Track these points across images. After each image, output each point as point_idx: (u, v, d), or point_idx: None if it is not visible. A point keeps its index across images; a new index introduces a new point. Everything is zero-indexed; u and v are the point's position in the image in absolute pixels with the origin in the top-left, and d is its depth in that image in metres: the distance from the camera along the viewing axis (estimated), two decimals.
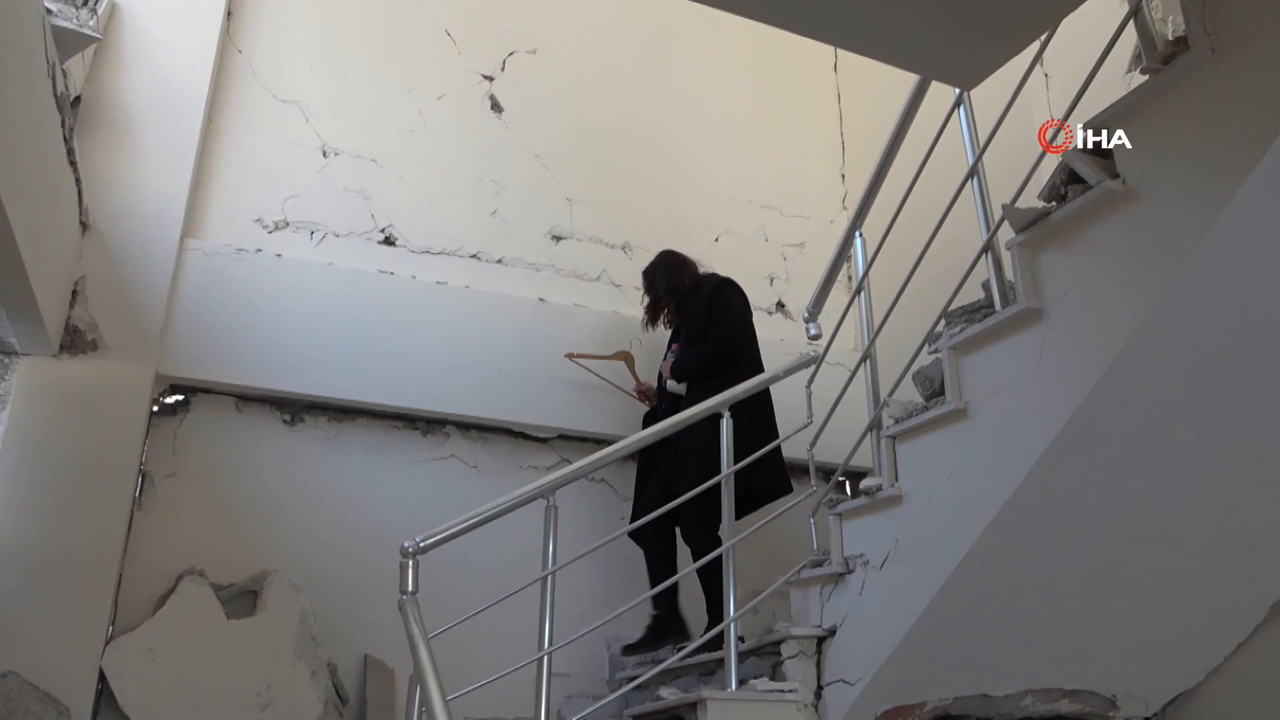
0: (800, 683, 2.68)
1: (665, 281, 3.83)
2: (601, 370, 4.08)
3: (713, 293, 3.69)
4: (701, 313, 3.67)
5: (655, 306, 3.88)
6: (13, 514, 3.15)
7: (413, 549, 2.44)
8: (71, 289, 3.42)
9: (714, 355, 3.54)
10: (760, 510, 3.43)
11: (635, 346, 4.17)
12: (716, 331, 3.60)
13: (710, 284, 3.74)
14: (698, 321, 3.67)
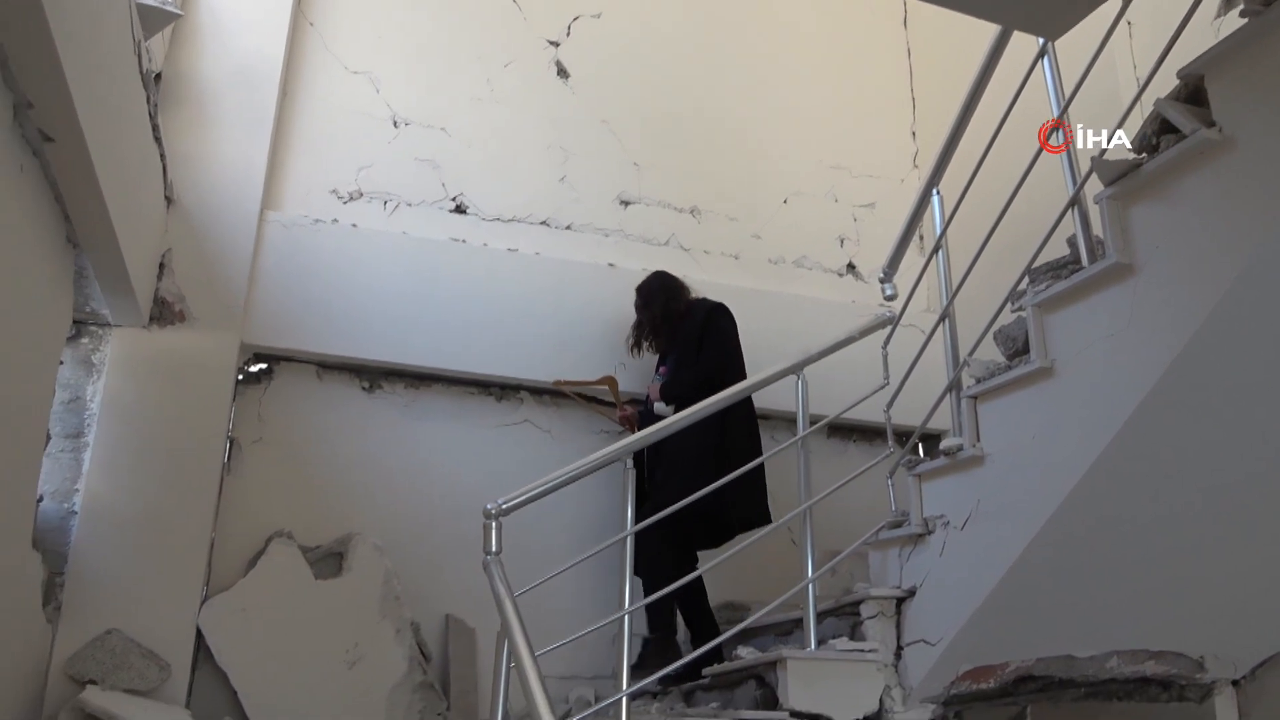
0: (880, 643, 2.68)
1: (662, 303, 3.79)
2: (586, 392, 4.04)
3: (707, 317, 3.68)
4: (695, 337, 3.65)
5: (648, 327, 3.83)
6: (110, 479, 3.28)
7: (495, 511, 2.48)
8: (159, 262, 3.52)
9: (705, 379, 3.45)
10: (839, 471, 3.41)
11: (619, 370, 4.07)
12: (709, 356, 3.59)
13: (704, 308, 3.72)
14: (691, 345, 3.65)
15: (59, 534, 3.18)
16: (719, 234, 4.53)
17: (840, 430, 4.43)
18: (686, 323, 3.72)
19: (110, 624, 3.14)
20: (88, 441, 3.30)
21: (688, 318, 3.73)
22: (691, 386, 3.48)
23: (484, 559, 2.43)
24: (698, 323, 3.68)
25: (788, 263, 4.61)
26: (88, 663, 3.06)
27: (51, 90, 2.12)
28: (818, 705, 2.58)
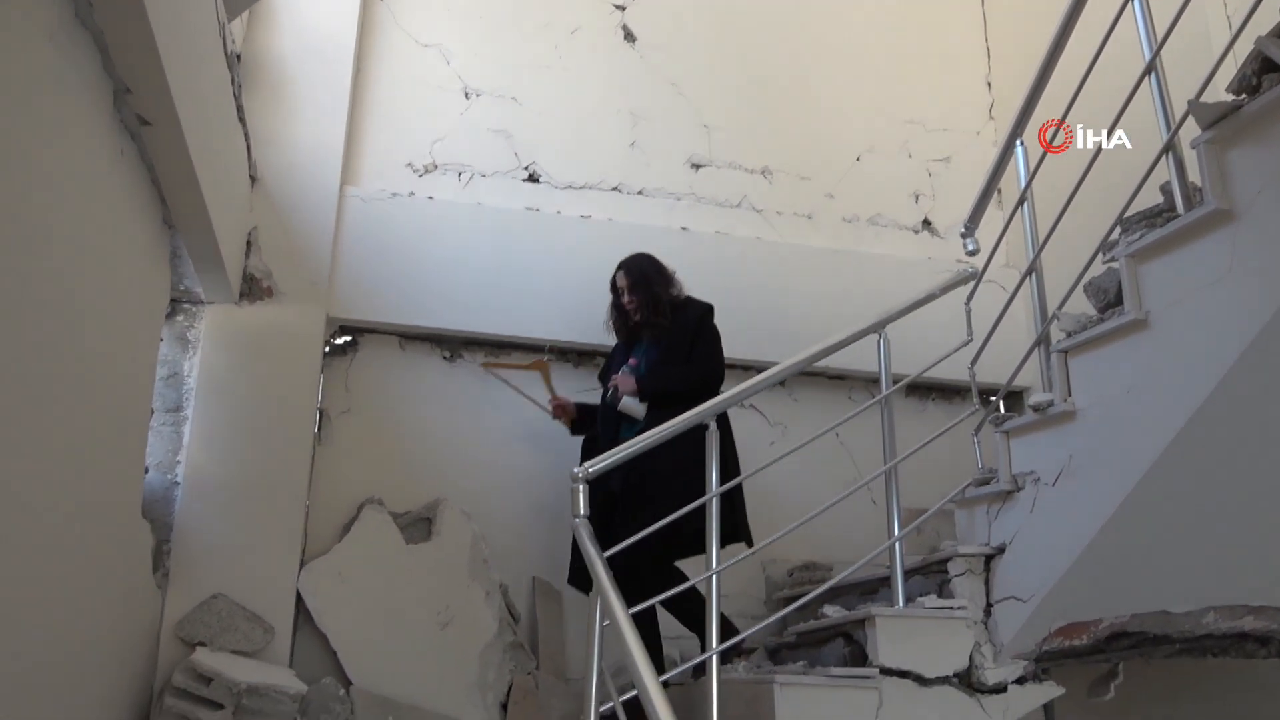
0: (969, 600, 2.67)
1: (656, 287, 3.46)
2: (514, 379, 3.87)
3: (704, 315, 3.43)
4: (688, 333, 3.38)
5: (635, 309, 3.46)
6: (209, 451, 3.41)
7: (582, 475, 2.52)
8: (246, 240, 3.63)
9: (698, 382, 3.24)
10: (917, 430, 3.39)
11: (548, 358, 3.96)
12: (707, 360, 3.35)
13: (699, 306, 3.47)
14: (681, 343, 3.37)
15: (164, 504, 3.32)
16: (791, 194, 4.49)
17: (918, 389, 4.38)
18: (679, 317, 3.42)
19: (215, 589, 3.28)
20: (187, 415, 3.43)
21: (681, 311, 3.44)
22: (681, 386, 3.25)
23: (573, 521, 2.47)
24: (692, 320, 3.40)
25: (862, 221, 4.55)
26: (197, 625, 3.21)
27: (149, 76, 2.19)
28: (907, 662, 2.58)
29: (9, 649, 1.91)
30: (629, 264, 3.51)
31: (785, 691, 2.52)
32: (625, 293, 3.47)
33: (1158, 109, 2.34)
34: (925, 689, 2.60)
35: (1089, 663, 2.83)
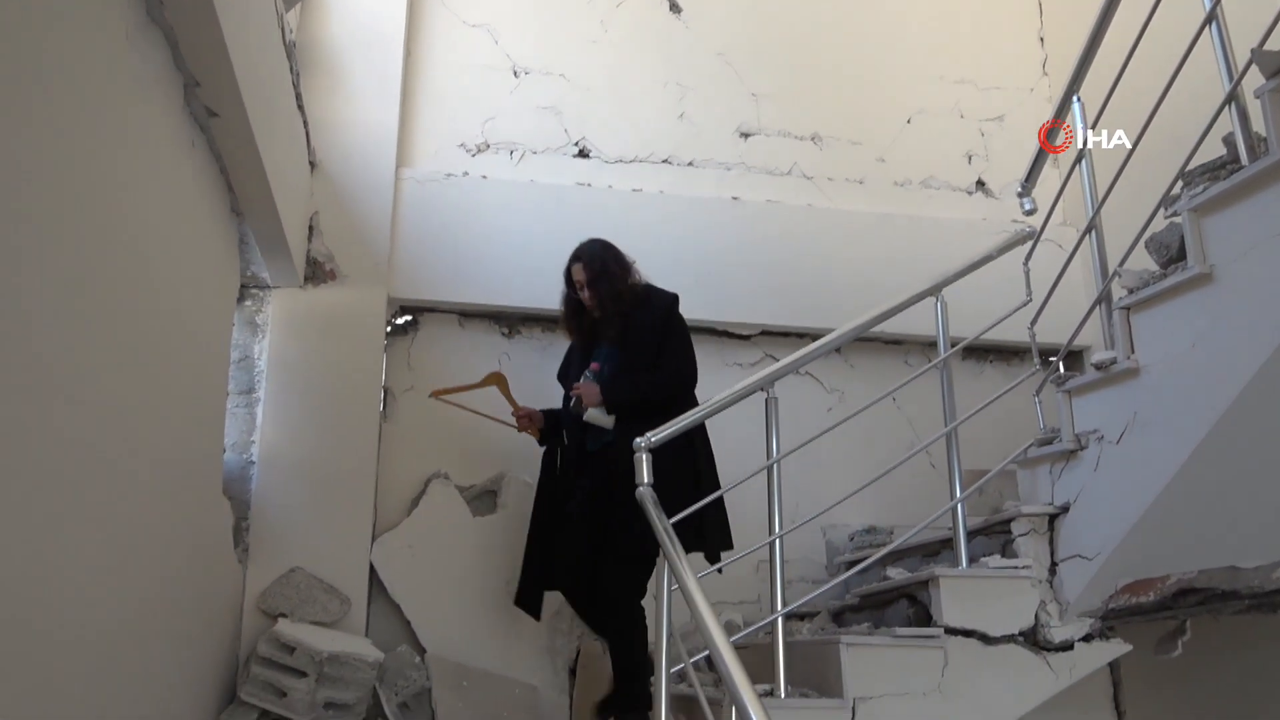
0: (1033, 559, 2.68)
1: (614, 280, 3.10)
2: (472, 402, 3.55)
3: (670, 310, 3.11)
4: (653, 331, 3.05)
5: (593, 306, 3.13)
6: (281, 431, 3.53)
7: (645, 444, 2.57)
8: (308, 224, 3.72)
9: (674, 387, 3.02)
10: (975, 393, 3.38)
11: (505, 364, 3.81)
12: (679, 360, 3.06)
13: (664, 299, 3.13)
14: (646, 342, 3.05)
15: (241, 482, 3.45)
16: (842, 159, 4.46)
17: (975, 352, 4.36)
18: (641, 313, 3.08)
19: (293, 562, 3.41)
20: (259, 396, 3.55)
21: (643, 306, 3.10)
22: (653, 395, 2.98)
23: (638, 490, 2.53)
24: (658, 316, 3.07)
25: (914, 184, 4.52)
26: (277, 598, 3.34)
27: (216, 69, 2.27)
28: (972, 621, 2.61)
29: (113, 621, 2.02)
30: (587, 255, 3.14)
31: (851, 651, 2.57)
32: (584, 287, 3.12)
33: (1219, 58, 2.30)
34: (991, 648, 2.63)
35: (1156, 619, 2.83)
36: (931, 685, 2.57)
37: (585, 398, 3.02)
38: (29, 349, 1.51)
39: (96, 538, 1.90)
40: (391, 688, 3.27)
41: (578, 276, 3.15)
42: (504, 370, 3.66)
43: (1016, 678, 2.60)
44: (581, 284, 3.13)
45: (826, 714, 2.51)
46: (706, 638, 1.79)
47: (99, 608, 1.93)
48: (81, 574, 1.82)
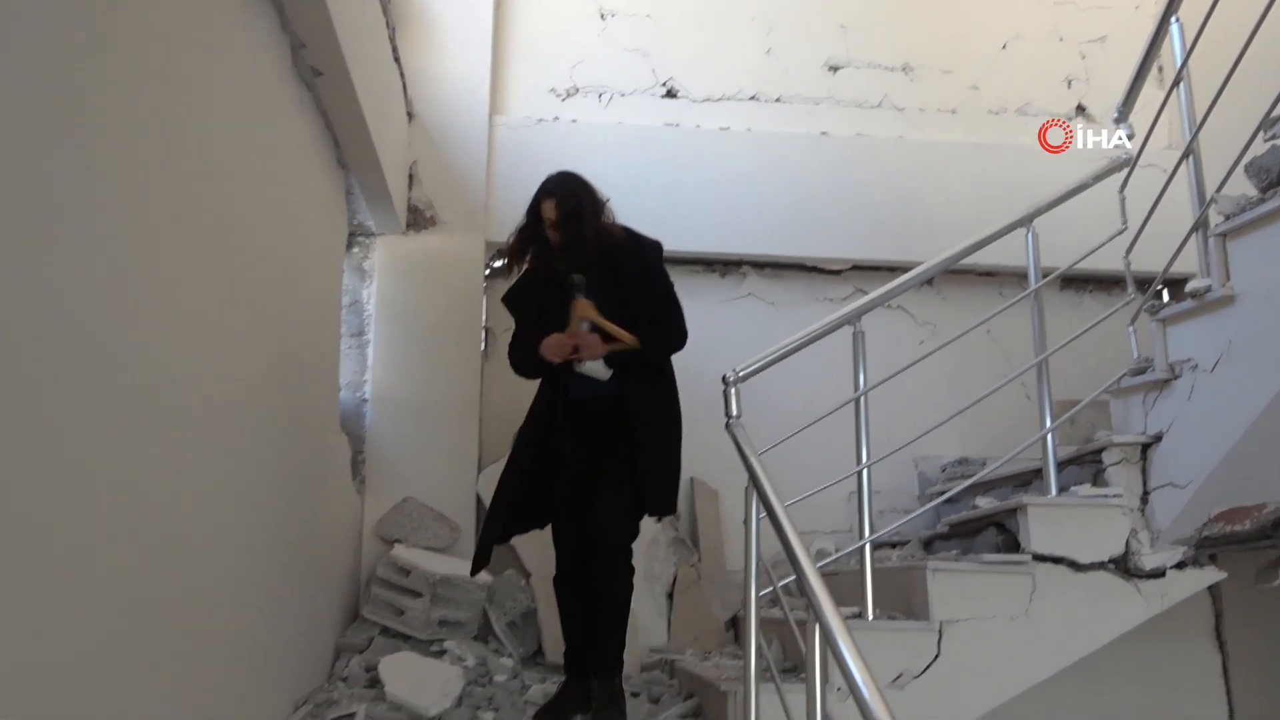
0: (1124, 488, 2.69)
1: (592, 219, 2.75)
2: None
3: (657, 256, 2.86)
4: (644, 280, 2.80)
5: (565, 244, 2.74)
6: (390, 370, 3.74)
7: (733, 378, 2.65)
8: (408, 173, 3.88)
9: (677, 345, 2.86)
10: (1074, 323, 3.31)
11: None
12: (677, 315, 2.85)
13: (649, 245, 2.86)
14: (642, 291, 2.79)
15: (356, 419, 3.68)
16: (934, 89, 4.39)
17: (1074, 282, 4.29)
18: (624, 257, 2.78)
19: (405, 493, 3.64)
20: (369, 339, 3.76)
21: (626, 251, 2.80)
22: (669, 353, 2.86)
23: (726, 423, 2.61)
24: (647, 263, 2.83)
25: (1009, 112, 4.42)
26: (392, 526, 3.58)
27: (320, 30, 2.40)
28: (1060, 548, 2.64)
29: (253, 547, 2.24)
30: (561, 191, 2.77)
31: (938, 577, 2.64)
32: (553, 226, 2.75)
33: None
34: (1079, 574, 2.66)
35: (1255, 549, 2.80)
36: (1019, 610, 2.62)
37: (586, 349, 2.69)
38: (174, 296, 1.68)
39: (236, 473, 2.10)
40: (500, 608, 3.49)
41: (548, 214, 2.75)
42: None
43: (1105, 604, 2.63)
44: (551, 222, 2.74)
45: (913, 635, 2.59)
46: (793, 560, 1.88)
47: (241, 535, 2.14)
48: (225, 506, 2.02)
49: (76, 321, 1.27)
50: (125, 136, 1.45)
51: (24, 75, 1.15)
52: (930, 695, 2.55)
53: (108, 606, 1.42)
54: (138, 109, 1.50)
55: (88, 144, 1.32)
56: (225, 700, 2.03)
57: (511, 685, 3.12)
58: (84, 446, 1.30)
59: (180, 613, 1.74)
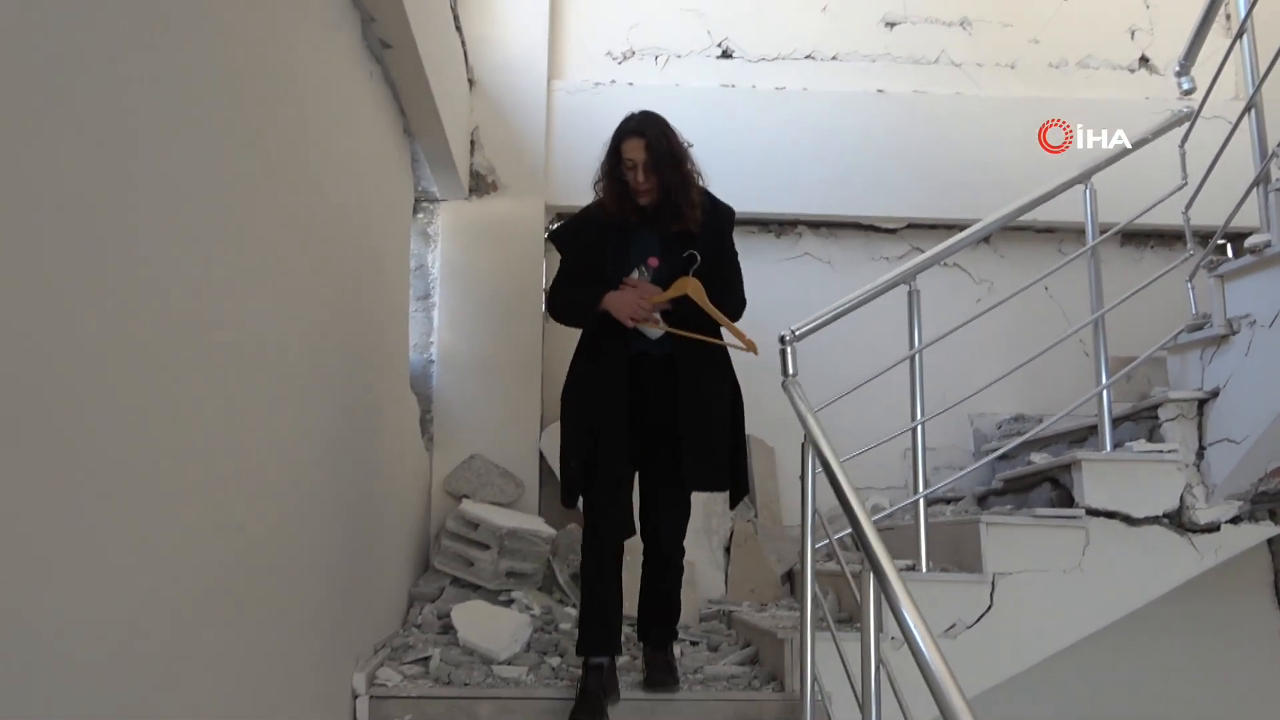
0: (1180, 443, 2.71)
1: (681, 171, 2.56)
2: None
3: (731, 223, 2.77)
4: (719, 245, 2.69)
5: (650, 195, 2.56)
6: (455, 332, 3.87)
7: (790, 337, 2.72)
8: (470, 139, 3.98)
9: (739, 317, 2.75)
10: (1134, 280, 3.31)
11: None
12: (741, 284, 2.78)
13: (724, 208, 2.74)
14: (718, 251, 2.68)
15: (424, 379, 3.82)
16: (992, 44, 4.35)
17: (1135, 237, 4.25)
18: (707, 217, 2.63)
19: (472, 450, 3.78)
20: (434, 301, 3.89)
21: (703, 211, 2.62)
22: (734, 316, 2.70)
23: (782, 380, 2.69)
24: (722, 229, 2.72)
25: (1070, 65, 4.36)
26: (460, 481, 3.73)
27: (388, 3, 2.49)
28: (1115, 503, 2.69)
29: (334, 500, 2.38)
30: (651, 131, 2.53)
31: (991, 531, 2.70)
32: (639, 169, 2.52)
33: None
34: (1134, 529, 2.70)
35: None
36: (1072, 563, 2.67)
37: (647, 307, 2.53)
38: (258, 258, 1.80)
39: (317, 429, 2.23)
40: (563, 561, 3.62)
41: (633, 154, 2.52)
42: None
43: (1159, 557, 2.67)
44: (636, 164, 2.51)
45: (966, 587, 2.66)
46: (849, 513, 1.96)
47: (322, 489, 2.28)
48: (307, 461, 2.15)
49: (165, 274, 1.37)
50: (221, 106, 1.56)
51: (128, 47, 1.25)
52: (982, 645, 2.62)
53: (209, 557, 1.55)
54: (231, 82, 1.61)
55: (190, 110, 1.43)
56: (314, 641, 2.19)
57: (575, 633, 3.25)
58: (172, 403, 1.41)
59: (274, 562, 1.89)
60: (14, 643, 0.99)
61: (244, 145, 1.67)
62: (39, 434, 1.03)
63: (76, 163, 1.11)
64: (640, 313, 2.51)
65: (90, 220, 1.14)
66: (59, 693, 1.08)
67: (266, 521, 1.84)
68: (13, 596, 0.98)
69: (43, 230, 1.03)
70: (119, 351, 1.22)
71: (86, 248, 1.13)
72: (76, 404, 1.11)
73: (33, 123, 1.01)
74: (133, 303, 1.25)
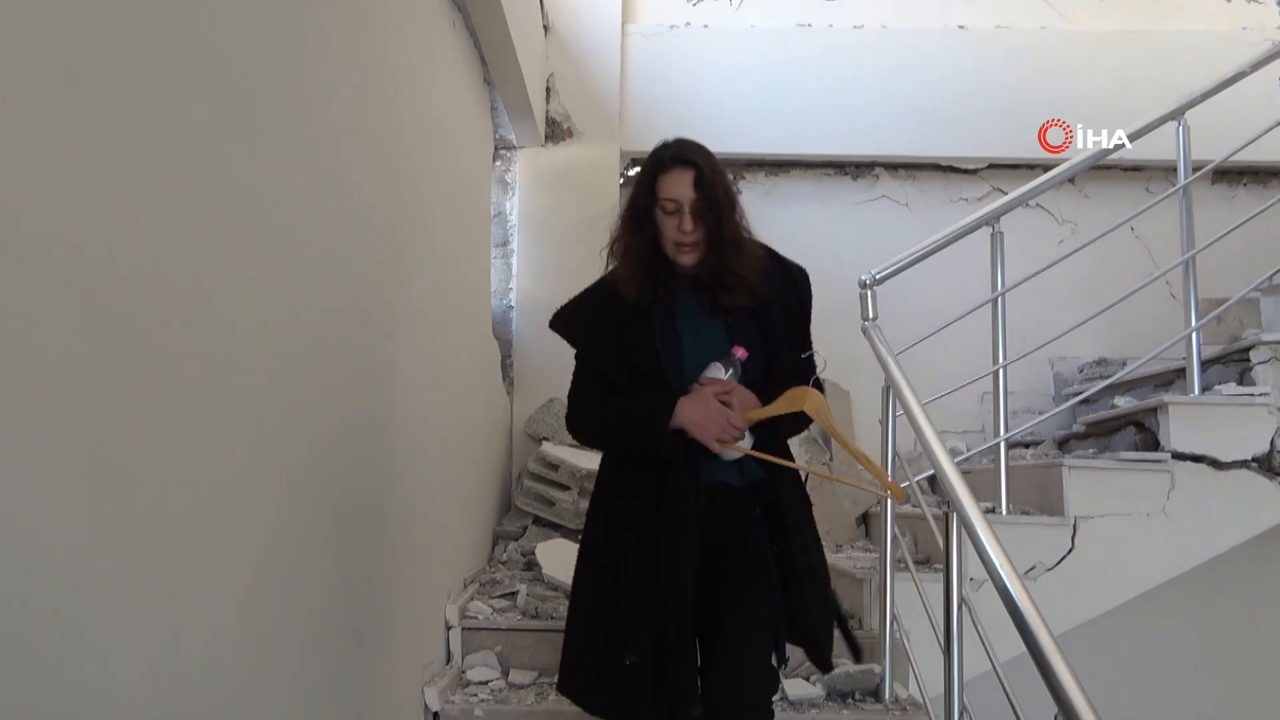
0: (1272, 386, 2.66)
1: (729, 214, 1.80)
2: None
3: (809, 288, 1.97)
4: (798, 318, 1.92)
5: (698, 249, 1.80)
6: (534, 279, 3.93)
7: (870, 281, 2.72)
8: (545, 87, 4.00)
9: None
10: (1227, 219, 3.20)
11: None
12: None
13: (797, 269, 1.96)
14: (791, 333, 1.90)
15: (504, 325, 3.91)
16: None
17: (1227, 175, 4.11)
18: (776, 284, 1.88)
19: (551, 394, 3.86)
20: (513, 248, 3.95)
21: (769, 275, 1.86)
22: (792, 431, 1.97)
23: (862, 325, 2.69)
24: (800, 297, 1.93)
25: None
26: (539, 424, 3.82)
27: None
28: (1201, 446, 2.65)
29: (427, 441, 2.48)
30: (706, 163, 1.79)
31: (1074, 474, 2.69)
32: (684, 212, 1.76)
33: None
34: (1220, 472, 2.67)
35: None
36: (1156, 507, 2.66)
37: (739, 402, 1.74)
38: (341, 205, 1.87)
39: (411, 374, 2.32)
40: None
41: (677, 192, 1.76)
42: None
43: (1247, 502, 2.64)
44: (681, 206, 1.76)
45: (1047, 530, 2.67)
46: (930, 456, 1.98)
47: (417, 430, 2.38)
48: (405, 404, 2.25)
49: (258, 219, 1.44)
50: (306, 56, 1.62)
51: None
52: (1062, 587, 2.64)
53: (318, 500, 1.65)
54: (317, 32, 1.66)
55: (272, 60, 1.49)
56: (410, 574, 2.30)
57: None
58: (262, 341, 1.49)
59: (372, 505, 1.99)
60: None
61: (330, 97, 1.72)
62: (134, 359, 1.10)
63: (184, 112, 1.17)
64: (732, 433, 1.73)
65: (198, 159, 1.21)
66: (174, 617, 1.18)
67: (364, 462, 1.93)
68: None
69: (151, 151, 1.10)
70: (220, 277, 1.30)
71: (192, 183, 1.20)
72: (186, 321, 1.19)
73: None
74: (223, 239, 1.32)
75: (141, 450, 1.04)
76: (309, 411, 1.56)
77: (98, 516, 0.96)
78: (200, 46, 1.18)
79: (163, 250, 1.09)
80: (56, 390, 0.90)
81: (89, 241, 0.95)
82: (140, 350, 1.04)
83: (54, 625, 0.89)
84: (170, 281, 1.10)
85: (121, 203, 1.00)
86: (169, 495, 1.10)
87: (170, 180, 1.10)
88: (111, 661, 0.99)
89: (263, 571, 1.38)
